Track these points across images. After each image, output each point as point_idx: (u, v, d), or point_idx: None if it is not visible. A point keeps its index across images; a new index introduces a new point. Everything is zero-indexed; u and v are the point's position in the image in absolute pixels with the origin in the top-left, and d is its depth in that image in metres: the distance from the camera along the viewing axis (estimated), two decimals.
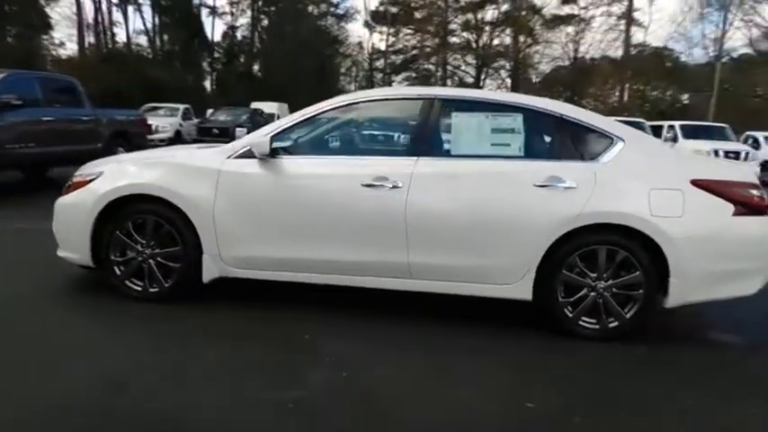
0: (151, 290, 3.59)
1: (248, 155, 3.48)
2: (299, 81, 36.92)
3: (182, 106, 18.62)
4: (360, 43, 46.22)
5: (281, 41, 39.58)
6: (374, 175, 3.33)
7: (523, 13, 38.79)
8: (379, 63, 44.87)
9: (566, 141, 3.41)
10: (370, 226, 3.36)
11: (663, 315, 3.42)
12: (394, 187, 3.29)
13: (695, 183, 3.19)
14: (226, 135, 16.54)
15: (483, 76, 43.30)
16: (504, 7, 40.45)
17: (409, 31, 42.23)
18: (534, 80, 42.87)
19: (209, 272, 3.53)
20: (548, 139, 3.51)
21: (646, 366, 3.09)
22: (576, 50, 42.79)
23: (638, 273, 3.20)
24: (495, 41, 40.70)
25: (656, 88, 45.23)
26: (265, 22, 43.77)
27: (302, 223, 3.42)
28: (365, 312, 3.58)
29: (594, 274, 3.25)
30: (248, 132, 16.61)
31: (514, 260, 3.28)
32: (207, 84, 40.09)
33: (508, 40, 40.87)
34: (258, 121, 18.50)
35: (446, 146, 3.49)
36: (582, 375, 2.93)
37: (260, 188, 3.45)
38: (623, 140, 3.34)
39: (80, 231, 3.60)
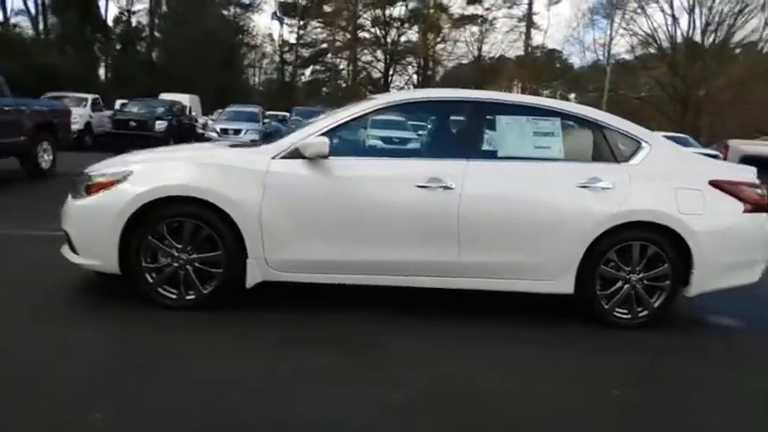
0: (187, 297, 3.40)
1: (295, 155, 3.39)
2: (204, 71, 35.40)
3: (90, 96, 17.14)
4: (270, 35, 45.25)
5: (183, 29, 37.66)
6: (428, 177, 3.38)
7: (431, 10, 39.86)
8: (290, 56, 44.14)
9: (600, 144, 3.65)
10: (423, 226, 3.41)
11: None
12: (447, 188, 3.37)
13: (712, 183, 3.57)
14: (145, 128, 15.58)
15: (391, 72, 44.05)
16: (412, 4, 41.39)
17: (319, 24, 41.90)
18: (437, 77, 44.27)
19: (254, 276, 3.40)
20: (583, 142, 3.74)
21: (687, 351, 3.41)
22: (479, 49, 44.79)
23: (666, 265, 3.52)
24: (404, 38, 41.48)
25: (548, 87, 48.48)
26: (165, 8, 41.40)
27: (354, 224, 3.40)
28: (412, 310, 3.63)
29: (628, 268, 3.53)
30: (169, 126, 16.00)
31: (560, 257, 3.48)
32: (101, 71, 37.21)
33: (416, 38, 41.80)
34: (177, 113, 17.55)
35: (493, 148, 3.61)
36: (641, 362, 3.19)
37: (311, 189, 3.37)
38: (649, 144, 3.65)
39: (106, 236, 3.32)
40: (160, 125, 15.79)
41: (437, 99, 3.86)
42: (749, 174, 3.73)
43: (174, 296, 3.40)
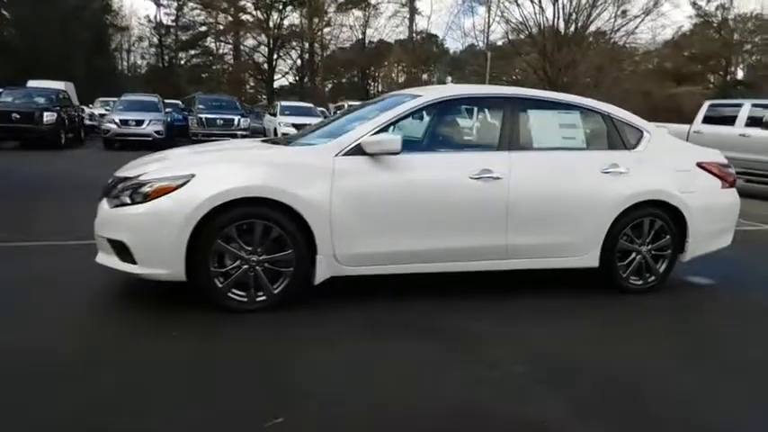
0: (258, 299, 3.40)
1: (357, 152, 3.49)
2: (73, 55, 32.27)
3: None
4: (147, 16, 42.13)
5: (43, 7, 33.85)
6: (480, 168, 3.66)
7: None
8: (170, 39, 41.48)
9: (612, 133, 4.14)
10: (478, 214, 3.69)
11: None
12: (497, 178, 3.67)
13: (699, 165, 4.22)
14: (30, 121, 14.07)
15: (275, 57, 43.07)
16: None
17: (197, 5, 39.75)
18: (317, 61, 43.95)
19: (322, 273, 3.48)
20: (599, 132, 4.20)
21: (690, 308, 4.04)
22: (363, 34, 45.24)
23: (668, 237, 4.12)
24: (287, 22, 40.75)
25: (426, 71, 50.35)
26: None
27: (417, 216, 3.59)
28: (480, 293, 3.92)
29: (640, 240, 4.08)
30: (58, 118, 14.60)
31: (589, 235, 3.94)
32: None
33: (299, 21, 41.26)
34: (64, 104, 15.99)
35: (529, 140, 3.95)
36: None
37: (375, 184, 3.50)
38: (649, 132, 4.21)
39: (173, 243, 3.22)
40: (49, 117, 14.29)
41: (482, 95, 4.11)
42: (721, 156, 4.44)
43: (244, 299, 3.38)
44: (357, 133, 3.57)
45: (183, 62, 43.96)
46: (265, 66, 42.57)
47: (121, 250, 3.35)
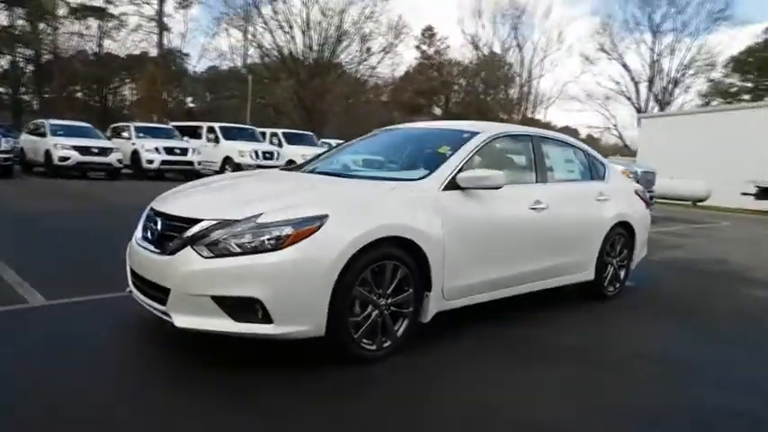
0: (384, 345, 3.18)
1: (452, 186, 3.55)
2: None
3: None
4: None
5: None
6: (534, 200, 4.05)
7: None
8: None
9: (592, 167, 4.94)
10: (537, 241, 4.08)
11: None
12: (544, 208, 4.11)
13: (635, 191, 5.33)
14: None
15: None
16: None
17: None
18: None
19: (431, 309, 3.41)
20: (585, 165, 4.93)
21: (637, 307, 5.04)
22: (99, 45, 40.59)
23: (626, 251, 5.10)
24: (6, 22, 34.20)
25: (169, 91, 47.75)
26: None
27: (501, 245, 3.80)
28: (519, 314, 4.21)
29: (613, 254, 4.96)
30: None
31: (591, 253, 4.65)
32: None
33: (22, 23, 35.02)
34: None
35: (552, 173, 4.46)
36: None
37: (471, 217, 3.58)
38: (606, 166, 5.15)
39: (318, 293, 2.84)
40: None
41: (520, 133, 4.43)
42: (639, 184, 5.65)
43: (372, 347, 3.13)
44: (448, 168, 3.60)
45: None
46: None
47: (244, 309, 2.79)
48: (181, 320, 2.86)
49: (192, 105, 53.30)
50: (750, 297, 5.69)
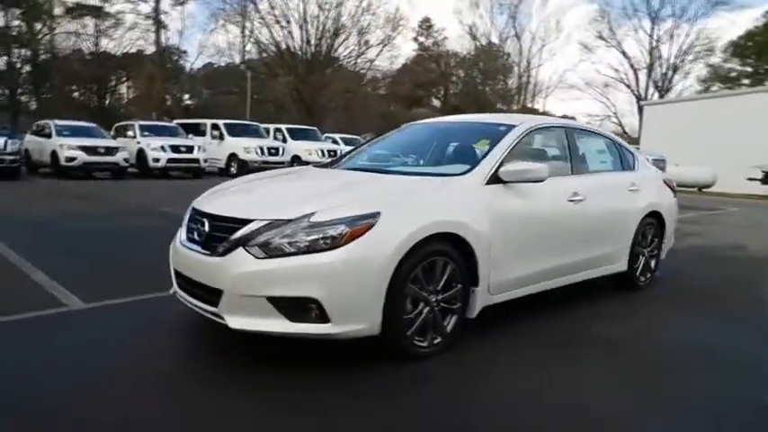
0: (435, 341, 3.17)
1: (495, 180, 3.52)
2: None
3: None
4: None
5: None
6: (571, 192, 4.02)
7: None
8: None
9: (623, 157, 4.92)
10: (575, 232, 4.06)
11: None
12: (581, 200, 4.08)
13: (664, 180, 5.31)
14: None
15: None
16: None
17: None
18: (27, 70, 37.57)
19: (478, 305, 3.40)
20: (616, 156, 4.91)
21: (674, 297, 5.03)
22: (96, 44, 40.39)
23: (657, 240, 5.09)
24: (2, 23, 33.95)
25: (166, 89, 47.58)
26: None
27: (543, 238, 3.78)
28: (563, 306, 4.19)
29: (644, 245, 4.94)
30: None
31: (624, 244, 4.63)
32: None
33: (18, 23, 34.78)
34: None
35: (586, 164, 4.43)
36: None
37: (514, 211, 3.56)
38: (636, 156, 5.12)
39: (375, 292, 2.82)
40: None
41: (555, 125, 4.39)
42: (668, 173, 5.63)
43: (424, 343, 3.11)
44: (490, 163, 3.57)
45: None
46: None
47: (300, 309, 2.77)
48: (235, 322, 2.84)
49: (188, 102, 53.20)
50: None
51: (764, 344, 3.80)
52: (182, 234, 3.37)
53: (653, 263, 5.10)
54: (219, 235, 3.00)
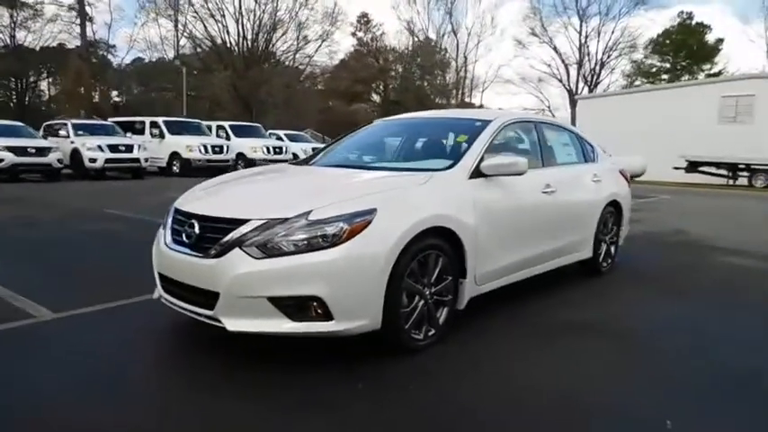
0: (429, 333, 3.23)
1: (477, 174, 3.61)
2: None
3: None
4: None
5: None
6: (544, 184, 4.18)
7: None
8: None
9: (584, 150, 5.14)
10: (549, 222, 4.24)
11: None
12: (553, 192, 4.25)
13: (620, 171, 5.58)
14: None
15: None
16: None
17: None
18: None
19: (465, 296, 3.48)
20: (578, 149, 5.10)
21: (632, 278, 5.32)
22: (12, 36, 37.94)
23: (615, 227, 5.36)
24: None
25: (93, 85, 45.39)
26: None
27: (522, 228, 3.92)
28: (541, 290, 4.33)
29: (605, 232, 5.20)
30: None
31: (589, 232, 4.85)
32: None
33: None
34: None
35: (554, 157, 4.60)
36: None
37: (497, 203, 3.66)
38: (595, 148, 5.36)
39: (376, 288, 2.85)
40: None
41: (525, 119, 4.51)
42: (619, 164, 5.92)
43: (419, 336, 3.17)
44: (471, 157, 3.65)
45: None
46: None
47: (302, 308, 2.76)
48: (233, 324, 2.79)
49: (117, 99, 50.87)
50: (724, 264, 6.11)
51: (727, 319, 4.08)
52: (166, 236, 3.25)
53: (613, 249, 5.37)
54: (212, 236, 2.93)
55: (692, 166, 22.04)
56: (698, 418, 2.54)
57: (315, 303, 2.74)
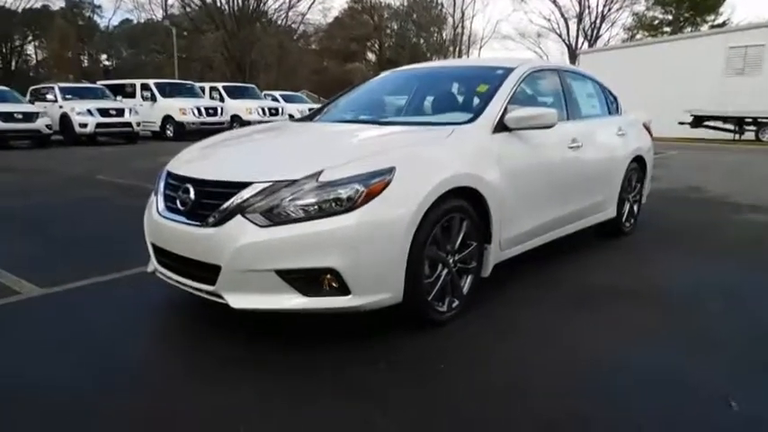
0: (453, 305, 2.93)
1: (501, 128, 3.25)
2: None
3: None
4: None
5: None
6: (570, 138, 3.83)
7: None
8: None
9: (608, 102, 4.76)
10: (578, 179, 3.92)
11: None
12: (579, 147, 3.90)
13: (643, 124, 5.22)
14: None
15: None
16: None
17: None
18: None
19: (490, 263, 3.18)
20: (602, 100, 4.72)
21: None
22: None
23: (639, 185, 5.03)
24: None
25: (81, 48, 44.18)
26: None
27: (551, 188, 3.60)
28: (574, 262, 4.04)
29: (629, 190, 4.87)
30: None
31: (614, 191, 4.52)
32: None
33: None
34: None
35: (579, 109, 4.22)
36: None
37: (523, 161, 3.33)
38: (617, 100, 4.98)
39: (397, 257, 2.53)
40: None
41: (547, 67, 4.11)
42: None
43: (443, 308, 2.87)
44: (494, 109, 3.28)
45: None
46: None
47: (316, 281, 2.45)
48: (237, 301, 2.48)
49: (107, 63, 49.63)
50: (746, 222, 5.82)
51: (760, 276, 3.80)
52: (158, 204, 2.91)
53: (636, 208, 5.06)
54: (210, 202, 2.59)
55: (698, 121, 21.53)
56: (754, 384, 2.27)
57: (329, 276, 2.43)
